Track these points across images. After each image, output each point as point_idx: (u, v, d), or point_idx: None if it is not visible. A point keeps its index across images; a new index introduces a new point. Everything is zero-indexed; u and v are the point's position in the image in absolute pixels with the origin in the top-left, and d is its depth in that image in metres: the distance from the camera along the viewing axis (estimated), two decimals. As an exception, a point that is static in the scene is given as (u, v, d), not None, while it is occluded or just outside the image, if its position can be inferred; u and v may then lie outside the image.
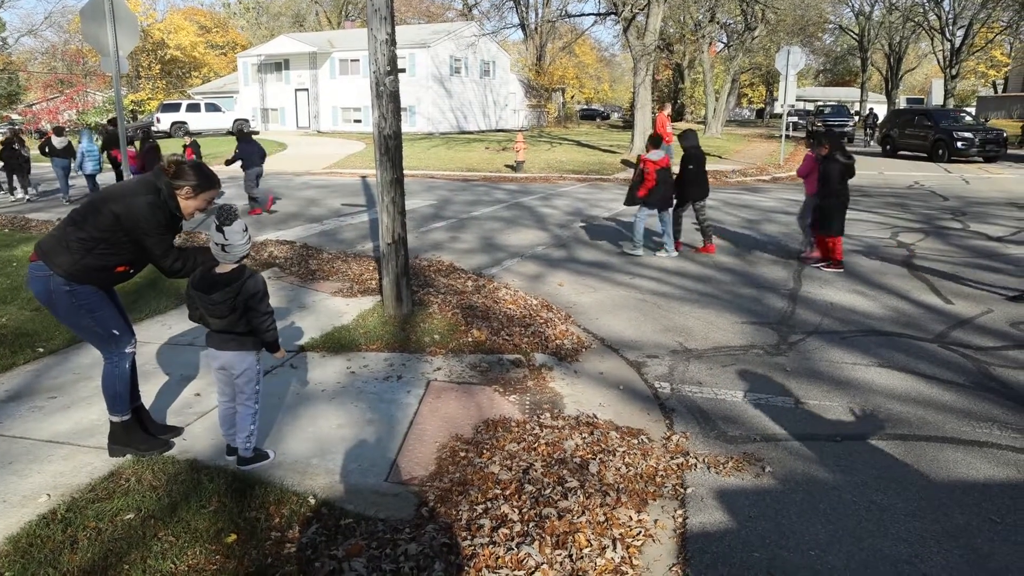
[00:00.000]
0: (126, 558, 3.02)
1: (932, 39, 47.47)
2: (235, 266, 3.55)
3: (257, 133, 39.95)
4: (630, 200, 9.37)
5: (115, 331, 3.81)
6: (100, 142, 16.77)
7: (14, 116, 43.98)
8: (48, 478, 3.69)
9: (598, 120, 64.51)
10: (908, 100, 58.00)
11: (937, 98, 40.68)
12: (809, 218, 8.89)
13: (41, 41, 52.72)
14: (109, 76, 17.31)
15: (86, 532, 3.19)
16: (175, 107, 38.45)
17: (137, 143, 15.92)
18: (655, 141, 9.25)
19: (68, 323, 3.78)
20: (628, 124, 39.50)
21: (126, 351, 3.88)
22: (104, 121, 26.77)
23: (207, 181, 3.71)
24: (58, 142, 15.31)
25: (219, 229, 3.43)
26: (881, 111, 46.33)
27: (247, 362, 3.70)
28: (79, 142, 15.33)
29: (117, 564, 2.99)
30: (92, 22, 9.09)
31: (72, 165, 15.52)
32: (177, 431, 4.19)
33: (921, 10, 45.39)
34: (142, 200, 3.56)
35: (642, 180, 9.02)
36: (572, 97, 64.23)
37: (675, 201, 9.40)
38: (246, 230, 3.52)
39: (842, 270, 8.42)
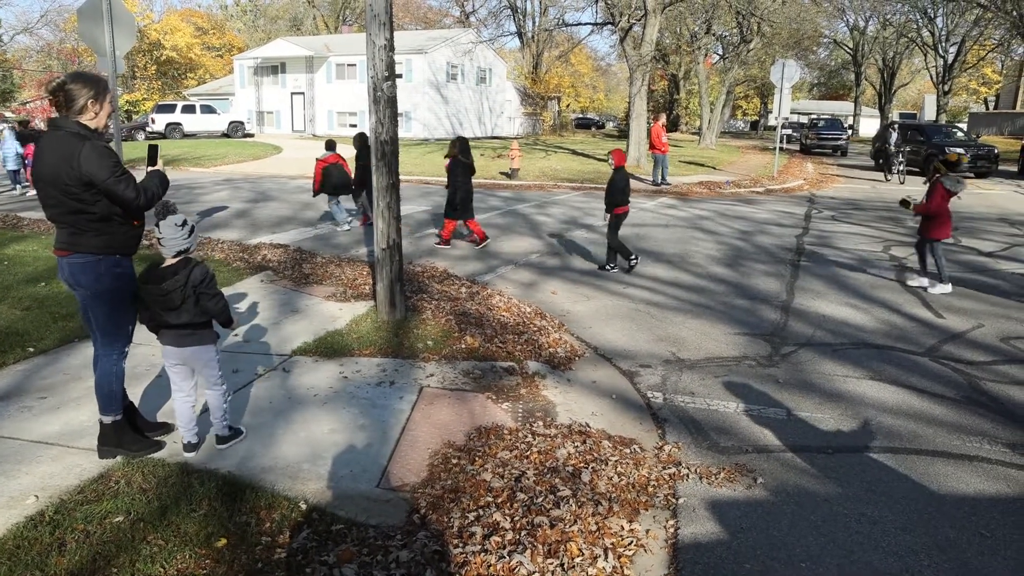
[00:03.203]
0: (115, 561, 3.00)
1: (925, 55, 47.91)
2: (177, 260, 3.70)
3: (252, 136, 39.95)
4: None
5: (129, 327, 3.87)
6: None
7: (8, 114, 43.77)
8: (37, 479, 3.66)
9: (593, 129, 64.67)
10: (901, 115, 58.34)
11: (930, 113, 40.98)
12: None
13: (37, 39, 52.54)
14: (104, 75, 17.81)
15: (74, 535, 3.16)
16: (170, 108, 38.34)
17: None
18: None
19: (97, 311, 3.72)
20: (623, 134, 39.63)
21: (125, 350, 3.90)
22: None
23: (96, 83, 3.62)
24: None
25: (156, 224, 3.66)
26: (874, 125, 46.67)
27: (208, 354, 3.88)
28: (2, 142, 16.64)
29: (105, 567, 2.96)
30: (89, 22, 9.08)
31: None
32: (168, 428, 4.18)
33: (915, 26, 45.81)
34: (82, 154, 3.43)
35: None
36: (568, 106, 64.41)
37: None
38: (183, 224, 3.67)
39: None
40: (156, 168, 3.92)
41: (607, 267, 9.19)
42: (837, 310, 7.46)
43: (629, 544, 3.33)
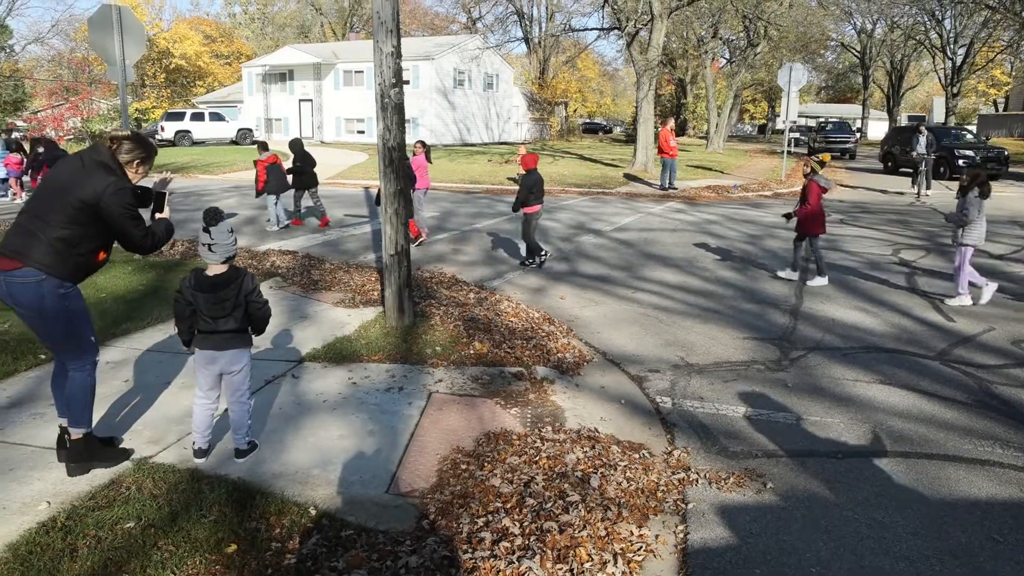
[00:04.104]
0: (126, 567, 3.01)
1: (933, 57, 47.71)
2: (226, 266, 3.74)
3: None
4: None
5: (92, 338, 3.81)
6: None
7: (19, 123, 44.12)
8: (48, 485, 3.68)
9: (600, 134, 64.70)
10: (909, 117, 58.12)
11: (938, 116, 40.70)
12: None
13: (47, 49, 52.94)
14: (114, 84, 18.07)
15: (86, 540, 3.18)
16: (179, 116, 38.61)
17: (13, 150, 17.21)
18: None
19: (51, 331, 3.67)
20: (631, 138, 39.63)
21: (96, 359, 3.86)
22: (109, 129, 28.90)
23: (151, 150, 3.81)
24: None
25: (206, 230, 3.64)
26: (882, 128, 46.44)
27: (245, 359, 3.90)
28: None
29: (117, 573, 2.98)
30: (100, 31, 9.15)
31: None
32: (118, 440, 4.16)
33: (923, 28, 45.60)
34: (110, 187, 3.53)
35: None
36: (575, 111, 64.49)
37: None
38: (232, 231, 3.72)
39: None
40: (164, 216, 3.95)
41: (527, 262, 9.73)
42: (846, 314, 7.44)
43: (638, 549, 3.32)
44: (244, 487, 3.66)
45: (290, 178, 12.39)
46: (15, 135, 21.91)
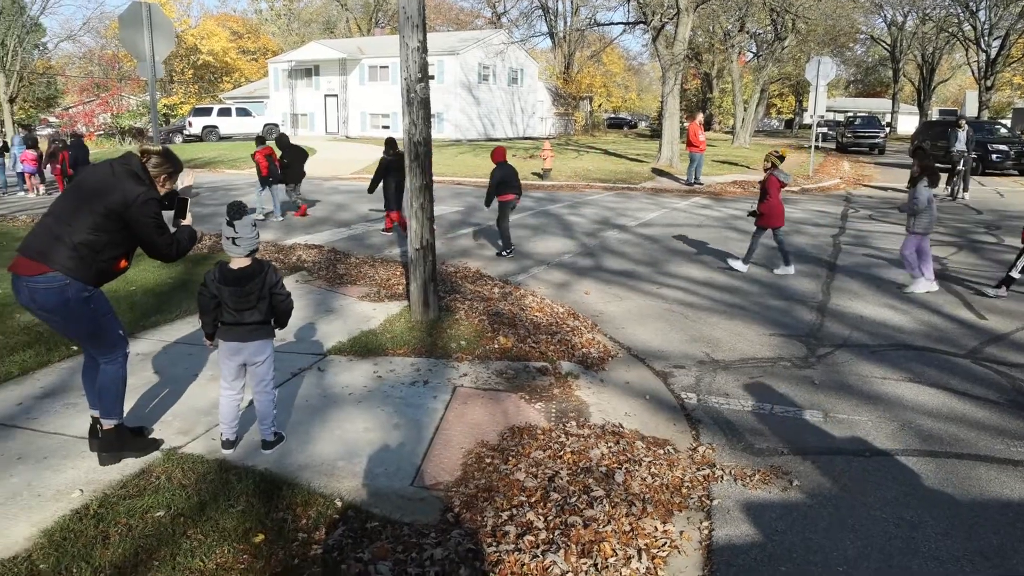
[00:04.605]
0: (156, 555, 3.07)
1: (967, 50, 46.77)
2: (250, 260, 3.79)
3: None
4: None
5: (120, 332, 3.88)
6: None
7: (51, 119, 44.92)
8: (81, 474, 3.76)
9: (625, 129, 64.31)
10: (941, 112, 57.15)
11: (971, 110, 39.89)
12: None
13: (79, 46, 53.78)
14: (143, 80, 18.57)
15: (117, 528, 3.24)
16: (207, 111, 39.02)
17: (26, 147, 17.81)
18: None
19: (78, 331, 3.76)
20: (656, 133, 39.39)
21: (127, 351, 3.93)
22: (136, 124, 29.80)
23: (178, 166, 3.91)
24: None
25: (230, 223, 3.71)
26: (912, 122, 45.67)
27: (268, 349, 3.96)
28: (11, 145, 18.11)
29: (147, 561, 3.03)
30: (130, 28, 9.27)
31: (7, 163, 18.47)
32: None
33: (956, 20, 44.71)
34: (140, 196, 3.61)
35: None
36: (599, 106, 64.22)
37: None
38: (255, 225, 3.78)
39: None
40: (186, 223, 4.00)
41: (503, 253, 10.00)
42: (875, 311, 7.34)
43: (663, 545, 3.31)
44: (271, 478, 3.71)
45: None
46: (37, 132, 22.92)
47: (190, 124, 37.86)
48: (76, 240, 3.54)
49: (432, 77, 37.42)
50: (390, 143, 11.25)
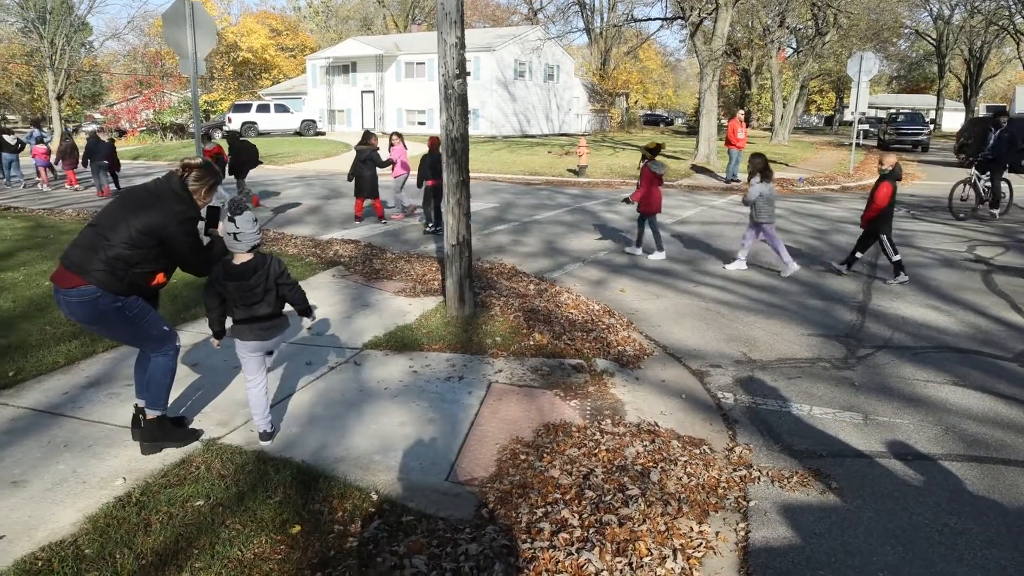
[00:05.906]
0: (196, 543, 3.12)
1: (1018, 43, 45.40)
2: (252, 255, 3.84)
3: (323, 134, 40.88)
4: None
5: (165, 328, 3.96)
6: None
7: (96, 115, 45.96)
8: (124, 462, 3.84)
9: (661, 126, 63.75)
10: (988, 108, 55.58)
11: (1021, 106, 38.73)
12: None
13: (123, 44, 54.99)
14: (185, 77, 18.97)
15: (159, 516, 3.31)
16: (246, 107, 39.56)
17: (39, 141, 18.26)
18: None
19: (120, 336, 3.90)
20: (692, 130, 38.99)
21: (177, 344, 4.01)
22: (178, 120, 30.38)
23: (217, 179, 3.98)
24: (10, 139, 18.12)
25: (231, 219, 3.76)
26: (958, 119, 44.48)
27: (281, 340, 4.11)
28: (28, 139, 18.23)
29: (187, 548, 3.09)
30: (173, 26, 9.43)
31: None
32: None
33: (1006, 13, 43.45)
34: (178, 215, 3.71)
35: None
36: (636, 102, 63.72)
37: None
38: (256, 220, 3.84)
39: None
40: (218, 234, 4.05)
41: (435, 228, 10.99)
42: (918, 312, 7.18)
43: (698, 545, 3.28)
44: (308, 470, 3.75)
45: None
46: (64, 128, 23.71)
47: (229, 120, 38.39)
48: (111, 254, 3.61)
49: (468, 73, 37.47)
50: (366, 135, 12.00)
